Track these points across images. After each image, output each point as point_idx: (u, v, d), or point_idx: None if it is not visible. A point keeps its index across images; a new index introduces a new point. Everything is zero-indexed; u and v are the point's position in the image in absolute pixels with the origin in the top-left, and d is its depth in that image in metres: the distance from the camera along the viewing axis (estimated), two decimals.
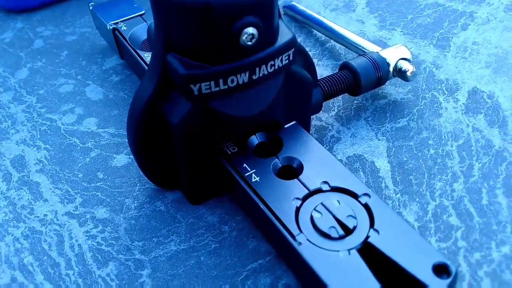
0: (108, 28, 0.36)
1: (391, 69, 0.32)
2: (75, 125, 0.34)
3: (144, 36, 0.36)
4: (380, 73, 0.32)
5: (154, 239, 0.26)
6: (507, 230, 0.26)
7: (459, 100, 0.34)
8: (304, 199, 0.23)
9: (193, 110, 0.23)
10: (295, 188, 0.24)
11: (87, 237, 0.27)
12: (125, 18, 0.37)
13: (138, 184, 0.29)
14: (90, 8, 0.38)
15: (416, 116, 0.33)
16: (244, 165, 0.25)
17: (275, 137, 0.26)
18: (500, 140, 0.31)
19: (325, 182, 0.24)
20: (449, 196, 0.28)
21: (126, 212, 0.28)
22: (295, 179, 0.24)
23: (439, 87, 0.35)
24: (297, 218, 0.22)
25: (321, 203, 0.23)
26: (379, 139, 0.31)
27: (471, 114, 0.33)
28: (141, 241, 0.26)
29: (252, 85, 0.23)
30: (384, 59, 0.32)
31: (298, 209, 0.23)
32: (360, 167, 0.30)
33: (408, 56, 0.33)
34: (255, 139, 0.26)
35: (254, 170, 0.24)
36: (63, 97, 0.36)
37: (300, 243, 0.21)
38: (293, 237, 0.22)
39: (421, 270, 0.20)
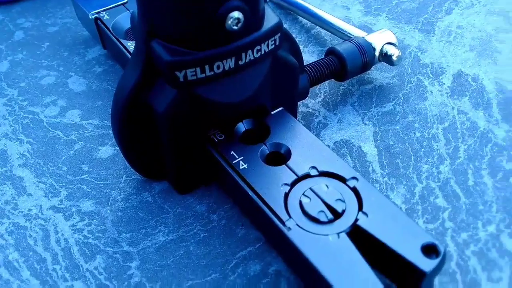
0: (90, 17, 0.35)
1: (376, 53, 0.32)
2: (58, 118, 0.33)
3: (127, 25, 0.35)
4: (366, 58, 0.32)
5: (142, 230, 0.26)
6: (492, 209, 0.26)
7: (444, 84, 0.34)
8: (293, 184, 0.23)
9: (179, 97, 0.23)
10: (284, 174, 0.23)
11: (73, 231, 0.26)
12: (107, 7, 0.36)
13: (124, 176, 0.29)
14: None
15: (402, 100, 0.33)
16: (232, 152, 0.25)
17: (262, 123, 0.26)
18: (484, 122, 0.31)
19: (313, 167, 0.24)
20: (435, 178, 0.28)
21: (113, 204, 0.27)
22: (283, 165, 0.24)
23: (424, 71, 0.35)
24: (286, 203, 0.22)
25: (310, 188, 0.23)
26: (365, 124, 0.31)
27: (456, 97, 0.33)
28: (128, 233, 0.26)
29: (238, 70, 0.23)
30: (370, 44, 0.32)
31: (287, 195, 0.23)
32: (347, 151, 0.30)
33: (394, 40, 0.33)
34: (242, 126, 0.26)
35: (242, 157, 0.24)
36: (45, 90, 0.35)
37: (289, 229, 0.21)
38: (283, 222, 0.21)
39: (410, 251, 0.20)
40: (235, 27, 0.21)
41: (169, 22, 0.21)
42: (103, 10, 0.36)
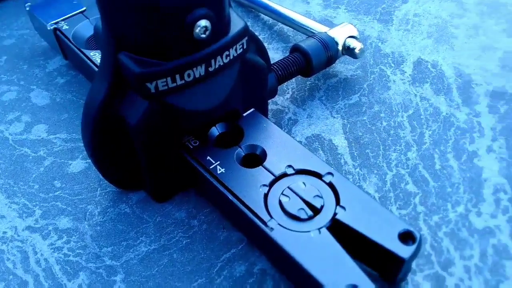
0: (49, 28, 0.34)
1: (340, 47, 0.33)
2: (24, 134, 0.32)
3: (88, 33, 0.34)
4: (330, 52, 0.32)
5: (123, 243, 0.26)
6: (460, 191, 0.27)
7: (405, 72, 0.35)
8: (271, 184, 0.24)
9: (151, 108, 0.23)
10: (261, 175, 0.24)
11: (52, 250, 0.26)
12: (65, 17, 0.35)
13: (98, 189, 0.29)
14: (27, 9, 0.36)
15: (366, 91, 0.34)
16: (208, 157, 0.25)
17: (235, 126, 0.26)
18: (446, 106, 0.32)
19: (289, 166, 0.24)
20: (404, 165, 0.29)
21: (90, 219, 0.27)
22: (260, 166, 0.24)
23: (386, 61, 0.36)
24: (266, 204, 0.23)
25: (288, 187, 0.23)
26: (334, 117, 0.32)
27: (417, 84, 0.34)
28: (109, 246, 0.26)
29: (208, 77, 0.23)
30: (333, 39, 0.33)
31: (266, 196, 0.23)
32: (319, 146, 0.30)
33: (355, 33, 0.33)
34: (215, 130, 0.26)
35: (219, 162, 0.25)
36: (7, 106, 0.34)
37: (272, 229, 0.22)
38: (264, 223, 0.22)
39: (388, 240, 0.21)
40: (203, 35, 0.21)
41: (136, 34, 0.21)
42: (61, 20, 0.35)
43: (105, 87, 0.22)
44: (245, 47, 0.24)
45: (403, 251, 0.21)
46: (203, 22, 0.21)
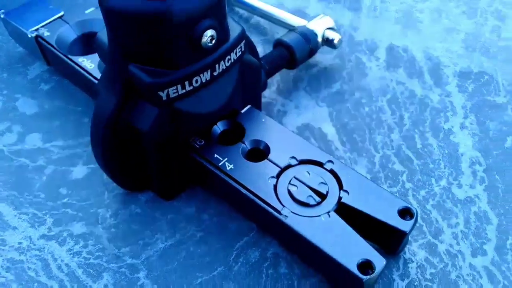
0: (30, 36, 0.34)
1: (319, 39, 0.35)
2: (19, 144, 0.32)
3: (70, 38, 0.34)
4: (311, 45, 0.34)
5: (140, 241, 0.27)
6: (441, 166, 0.30)
7: (379, 58, 0.38)
8: (278, 176, 0.26)
9: (161, 114, 0.24)
10: (268, 168, 0.26)
11: (71, 255, 0.27)
12: (45, 23, 0.35)
13: (106, 192, 0.30)
14: (1, 16, 0.36)
15: (346, 79, 0.36)
16: (215, 155, 0.26)
17: (236, 123, 0.28)
18: (420, 88, 0.35)
19: (293, 157, 0.26)
20: (389, 146, 0.32)
21: (103, 222, 0.28)
22: (265, 160, 0.26)
23: (360, 48, 0.38)
24: (276, 194, 0.25)
25: (294, 177, 0.25)
26: (320, 106, 0.34)
27: (392, 69, 0.37)
28: (127, 246, 0.27)
29: (213, 81, 0.24)
30: (312, 31, 0.35)
31: (275, 186, 0.25)
32: (310, 134, 0.33)
33: (332, 25, 0.35)
34: (217, 129, 0.28)
35: (226, 159, 0.26)
36: None
37: (286, 216, 0.24)
38: (278, 212, 0.24)
39: (390, 217, 0.24)
40: (210, 44, 0.22)
41: (146, 48, 0.22)
42: (41, 26, 0.35)
43: (115, 98, 0.23)
44: (243, 49, 0.25)
45: (404, 225, 0.23)
46: (210, 32, 0.22)
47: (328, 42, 0.35)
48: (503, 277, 0.25)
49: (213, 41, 0.22)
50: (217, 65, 0.24)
